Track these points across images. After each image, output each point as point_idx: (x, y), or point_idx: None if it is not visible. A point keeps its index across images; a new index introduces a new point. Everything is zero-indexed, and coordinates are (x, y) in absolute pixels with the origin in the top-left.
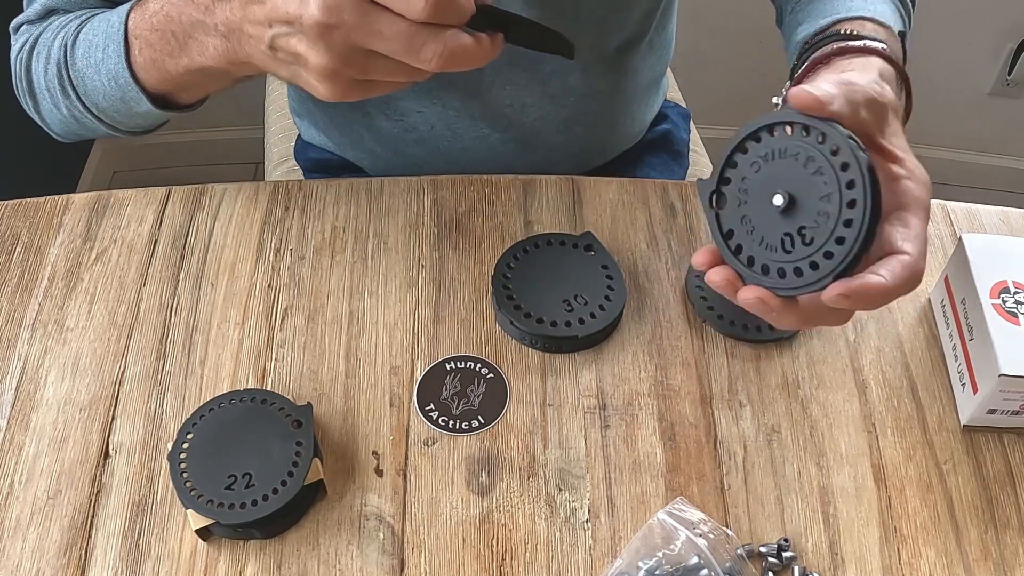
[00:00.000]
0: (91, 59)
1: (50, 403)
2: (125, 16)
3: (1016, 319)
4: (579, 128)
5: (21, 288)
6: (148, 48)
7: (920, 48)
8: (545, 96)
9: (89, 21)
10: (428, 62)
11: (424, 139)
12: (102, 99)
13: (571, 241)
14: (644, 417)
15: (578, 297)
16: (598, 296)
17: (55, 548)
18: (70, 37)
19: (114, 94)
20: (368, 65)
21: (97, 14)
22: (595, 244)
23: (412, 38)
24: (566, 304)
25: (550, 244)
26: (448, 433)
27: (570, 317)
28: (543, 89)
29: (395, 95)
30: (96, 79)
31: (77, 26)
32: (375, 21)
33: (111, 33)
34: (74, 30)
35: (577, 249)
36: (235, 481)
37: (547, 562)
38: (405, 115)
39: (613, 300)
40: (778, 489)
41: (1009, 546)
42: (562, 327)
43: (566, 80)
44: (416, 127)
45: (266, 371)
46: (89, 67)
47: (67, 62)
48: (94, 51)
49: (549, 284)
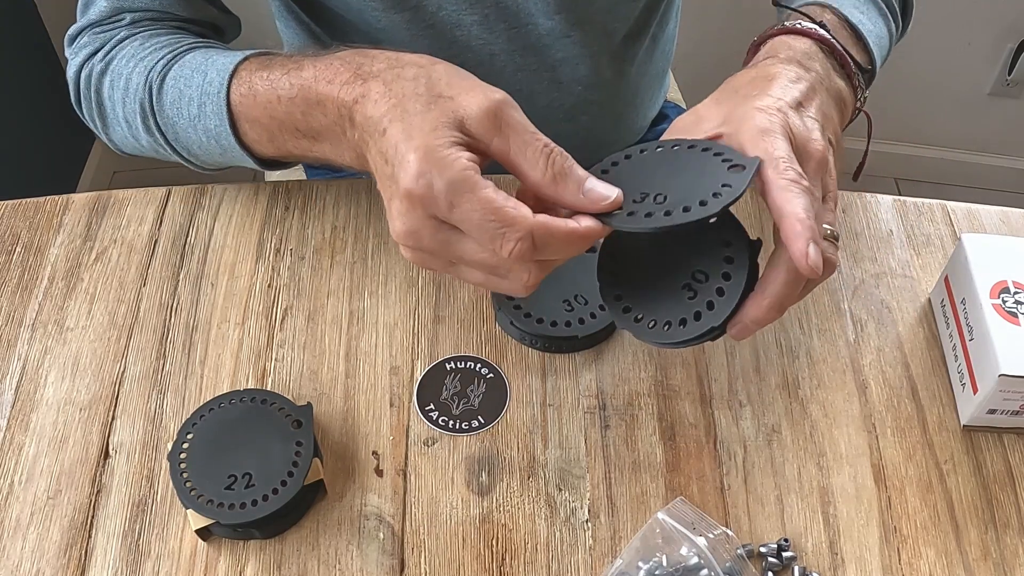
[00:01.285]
0: (183, 112)
1: (50, 403)
2: (226, 85)
3: (1016, 319)
4: (584, 117)
5: (21, 288)
6: (262, 130)
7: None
8: (553, 83)
9: (175, 63)
10: (518, 295)
11: None
12: (196, 148)
13: None
14: (644, 417)
15: (578, 297)
16: (598, 296)
17: (55, 548)
18: (155, 79)
19: (213, 149)
20: (456, 271)
21: (180, 53)
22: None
23: (496, 269)
24: (566, 304)
25: None
26: (448, 433)
27: (570, 317)
28: (552, 75)
29: None
30: (191, 133)
31: (162, 67)
32: (458, 248)
33: (208, 92)
34: (159, 71)
35: None
36: (235, 481)
37: (547, 562)
38: None
39: None
40: (778, 489)
41: (1009, 546)
42: (562, 327)
43: (575, 68)
44: None
45: (266, 371)
46: (181, 118)
47: (153, 106)
48: (187, 105)
49: (549, 284)
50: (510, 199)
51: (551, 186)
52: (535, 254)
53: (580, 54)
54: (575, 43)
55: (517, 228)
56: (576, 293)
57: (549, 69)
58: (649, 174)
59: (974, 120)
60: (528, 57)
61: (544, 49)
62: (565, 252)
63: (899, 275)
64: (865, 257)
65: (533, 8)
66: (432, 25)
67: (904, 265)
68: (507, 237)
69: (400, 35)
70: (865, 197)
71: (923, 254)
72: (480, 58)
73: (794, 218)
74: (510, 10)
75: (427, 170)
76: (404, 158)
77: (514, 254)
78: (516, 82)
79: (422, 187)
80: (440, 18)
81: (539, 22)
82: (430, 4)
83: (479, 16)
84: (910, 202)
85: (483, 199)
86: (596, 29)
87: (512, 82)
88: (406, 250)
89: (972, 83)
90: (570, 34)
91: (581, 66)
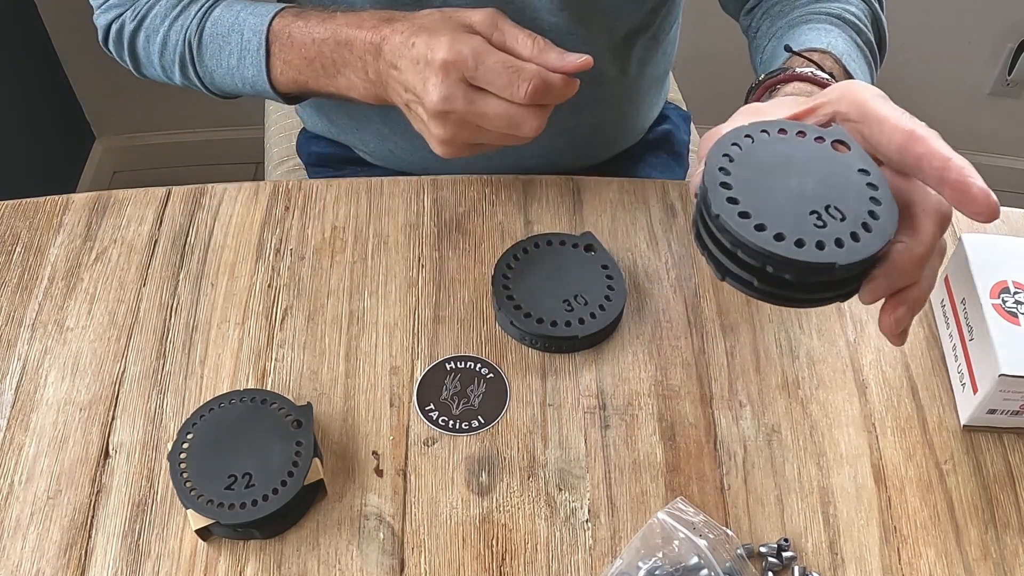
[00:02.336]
0: (222, 64)
1: (50, 403)
2: (265, 35)
3: (1016, 319)
4: (588, 114)
5: (21, 288)
6: (292, 70)
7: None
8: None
9: (209, 16)
10: (528, 136)
11: None
12: (231, 89)
13: (571, 241)
14: (644, 417)
15: (578, 297)
16: (598, 296)
17: (55, 548)
18: (193, 35)
19: (247, 91)
20: (478, 135)
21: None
22: (595, 244)
23: (513, 117)
24: (566, 304)
25: (550, 244)
26: (448, 433)
27: (570, 317)
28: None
29: None
30: (228, 80)
31: (197, 26)
32: (483, 105)
33: (247, 48)
34: (195, 30)
35: (577, 249)
36: (235, 481)
37: (547, 562)
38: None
39: (613, 300)
40: (778, 489)
41: (1009, 546)
42: (562, 327)
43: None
44: None
45: (266, 371)
46: (220, 68)
47: (194, 60)
48: (226, 57)
49: (549, 284)
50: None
51: (539, 58)
52: (543, 96)
53: (584, 51)
54: (579, 40)
55: (529, 71)
56: (576, 293)
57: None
58: (782, 176)
59: (974, 120)
60: None
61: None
62: (564, 90)
63: None
64: None
65: (538, 4)
66: None
67: None
68: (522, 78)
69: None
70: None
71: None
72: None
73: (956, 159)
74: (515, 5)
75: (456, 42)
76: (436, 43)
77: (528, 94)
78: None
79: (454, 54)
80: None
81: (544, 18)
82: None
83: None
84: None
85: (501, 56)
86: (600, 27)
87: None
88: (439, 123)
89: (972, 83)
90: (574, 31)
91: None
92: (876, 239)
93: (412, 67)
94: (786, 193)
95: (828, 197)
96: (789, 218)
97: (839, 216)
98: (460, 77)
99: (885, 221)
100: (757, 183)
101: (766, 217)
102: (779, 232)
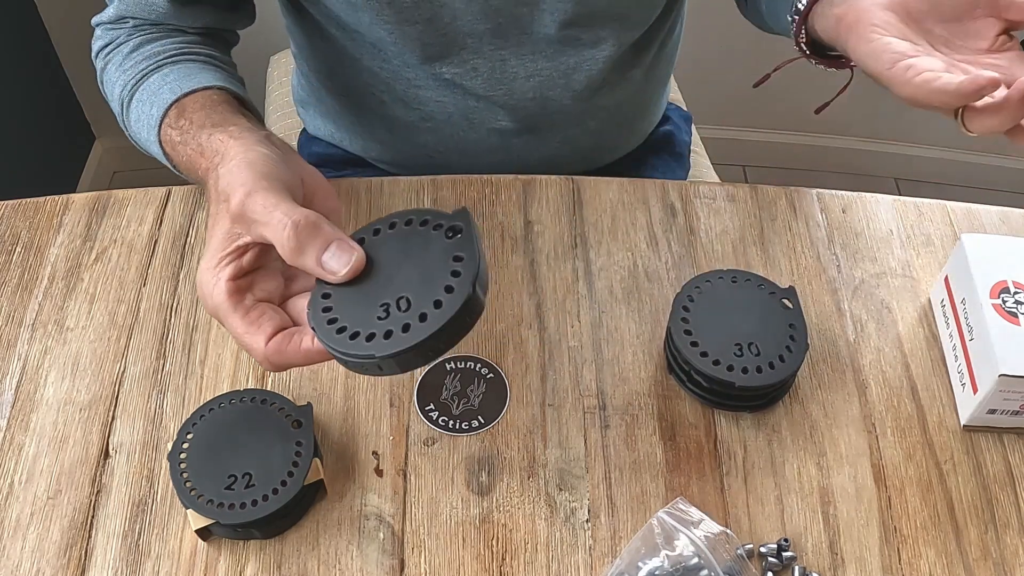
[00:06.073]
0: (142, 133)
1: (50, 403)
2: (157, 128)
3: (1016, 319)
4: (593, 122)
5: (21, 288)
6: (180, 163)
7: None
8: (567, 89)
9: (141, 85)
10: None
11: (439, 127)
12: (152, 153)
13: (435, 221)
14: (644, 417)
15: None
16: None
17: (55, 548)
18: (126, 97)
19: (163, 160)
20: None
21: (148, 74)
22: (466, 226)
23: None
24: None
25: (408, 224)
26: (448, 433)
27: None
28: (565, 82)
29: (414, 84)
30: (149, 147)
31: (131, 87)
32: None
33: (152, 127)
34: (129, 90)
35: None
36: (235, 481)
37: (547, 562)
38: (424, 104)
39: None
40: (778, 489)
41: (1009, 546)
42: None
43: (590, 74)
44: (433, 116)
45: (266, 371)
46: (140, 136)
47: (124, 116)
48: (140, 128)
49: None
50: (252, 326)
51: (294, 260)
52: (278, 366)
53: (591, 61)
54: (586, 50)
55: (255, 353)
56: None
57: (561, 76)
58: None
59: None
60: (539, 63)
61: (557, 55)
62: (305, 364)
63: (899, 275)
64: (865, 257)
65: (547, 17)
66: (445, 35)
67: (904, 265)
68: (252, 353)
69: (411, 45)
70: (865, 197)
71: (923, 254)
72: (492, 64)
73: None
74: (524, 20)
75: (202, 293)
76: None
77: (260, 364)
78: (528, 88)
79: (202, 298)
80: (455, 27)
81: (551, 33)
82: (445, 14)
83: (492, 24)
84: (910, 202)
85: (231, 325)
86: (607, 38)
87: (524, 88)
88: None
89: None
90: (582, 41)
91: (592, 73)
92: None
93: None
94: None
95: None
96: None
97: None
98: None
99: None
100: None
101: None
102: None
